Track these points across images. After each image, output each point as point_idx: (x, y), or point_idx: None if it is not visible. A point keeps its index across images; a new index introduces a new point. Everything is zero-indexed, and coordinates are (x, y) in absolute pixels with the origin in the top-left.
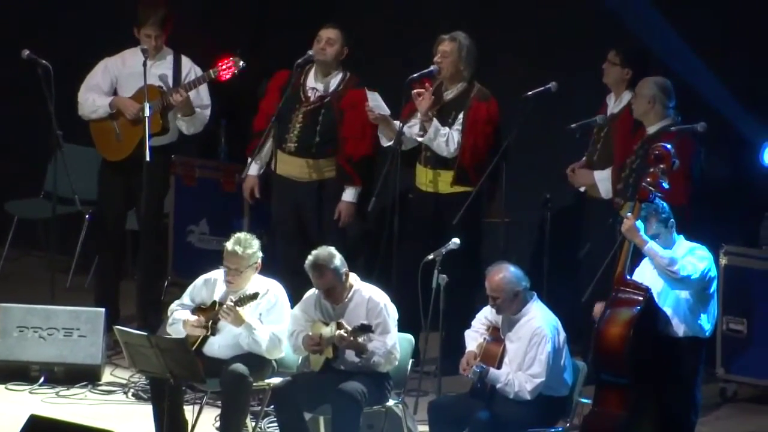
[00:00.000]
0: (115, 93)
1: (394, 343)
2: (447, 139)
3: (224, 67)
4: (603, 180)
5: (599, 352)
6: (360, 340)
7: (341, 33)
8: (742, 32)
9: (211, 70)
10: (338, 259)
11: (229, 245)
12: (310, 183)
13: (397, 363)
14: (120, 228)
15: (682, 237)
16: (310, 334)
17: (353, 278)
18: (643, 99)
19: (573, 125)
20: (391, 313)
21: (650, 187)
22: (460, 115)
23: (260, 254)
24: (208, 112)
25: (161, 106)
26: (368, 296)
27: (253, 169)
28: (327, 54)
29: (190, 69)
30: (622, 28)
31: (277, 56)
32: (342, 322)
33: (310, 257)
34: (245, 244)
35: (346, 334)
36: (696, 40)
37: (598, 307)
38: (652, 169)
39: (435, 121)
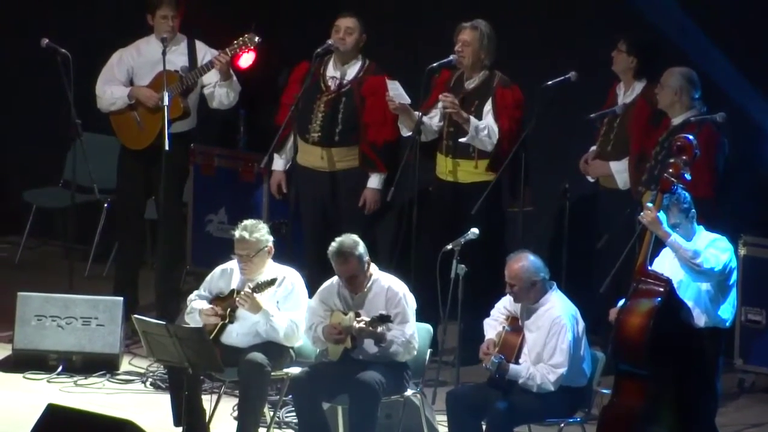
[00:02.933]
0: (131, 83)
1: (412, 333)
2: (488, 131)
3: (237, 46)
4: (620, 172)
5: (619, 342)
6: (379, 330)
7: (359, 21)
8: (761, 20)
9: (228, 48)
10: (362, 247)
11: (236, 233)
12: (331, 173)
13: (415, 353)
14: (140, 217)
15: (702, 228)
16: (328, 324)
17: (372, 268)
18: (670, 90)
19: (592, 115)
20: (409, 302)
21: (672, 178)
22: (488, 104)
23: (270, 238)
24: (238, 84)
25: (180, 89)
26: (387, 286)
27: (279, 164)
28: (347, 43)
29: (205, 53)
30: (641, 17)
31: (296, 46)
32: (360, 311)
33: (334, 244)
34: (251, 228)
35: (364, 326)
36: (714, 29)
37: (614, 312)
38: (673, 160)
39: (472, 119)
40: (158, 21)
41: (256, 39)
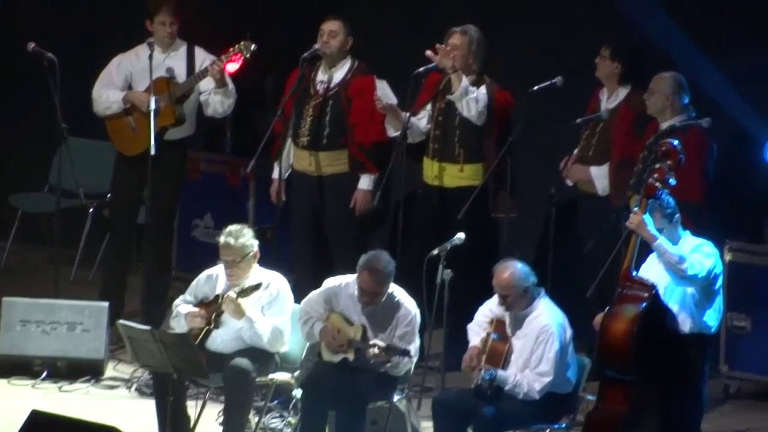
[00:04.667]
0: (130, 88)
1: (416, 350)
2: (477, 97)
3: (233, 53)
4: (600, 177)
5: (604, 348)
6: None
7: (343, 24)
8: (746, 27)
9: (222, 56)
10: (393, 266)
11: (221, 238)
12: (319, 177)
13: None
14: (131, 222)
15: (688, 232)
16: (328, 325)
17: None
18: (661, 95)
19: (578, 120)
20: (418, 321)
21: (657, 183)
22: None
23: (255, 243)
24: (234, 91)
25: (175, 97)
26: (401, 303)
27: (277, 172)
28: (331, 46)
29: (204, 59)
30: (626, 23)
31: (283, 51)
32: (366, 326)
33: (368, 257)
34: (236, 234)
35: (378, 351)
36: (700, 36)
37: (598, 318)
38: (658, 165)
39: (464, 79)
40: (157, 27)
41: (252, 47)
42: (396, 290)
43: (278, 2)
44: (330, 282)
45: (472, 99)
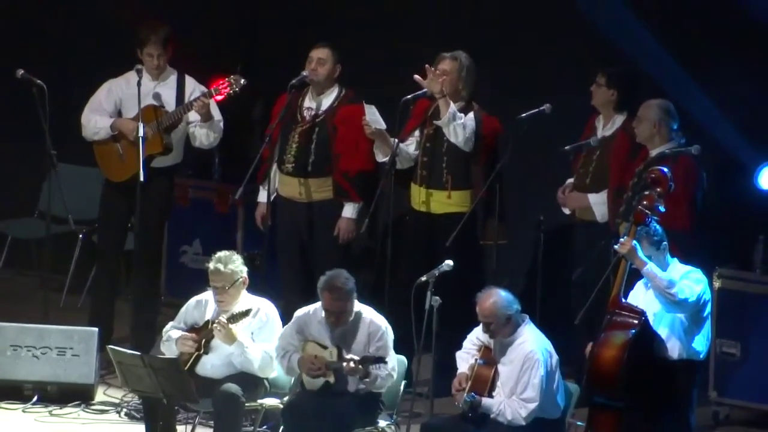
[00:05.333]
0: (119, 114)
1: (393, 366)
2: (464, 124)
3: (222, 86)
4: (598, 204)
5: (593, 375)
6: (370, 370)
7: (332, 51)
8: (736, 54)
9: (212, 88)
10: (352, 282)
11: (211, 265)
12: (307, 204)
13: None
14: (119, 248)
15: (676, 260)
16: (304, 355)
17: (355, 301)
18: (648, 123)
19: (567, 147)
20: (390, 335)
21: (646, 210)
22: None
23: (244, 269)
24: (222, 124)
25: (164, 126)
26: (369, 319)
27: (263, 195)
28: (319, 74)
29: (194, 88)
30: (616, 50)
31: (271, 77)
32: (340, 346)
33: (325, 278)
34: (225, 260)
35: (354, 365)
36: (689, 62)
37: (589, 347)
38: (648, 192)
39: (452, 105)
40: (145, 58)
41: (242, 81)
42: (363, 309)
43: (262, 30)
44: (299, 312)
45: (459, 125)
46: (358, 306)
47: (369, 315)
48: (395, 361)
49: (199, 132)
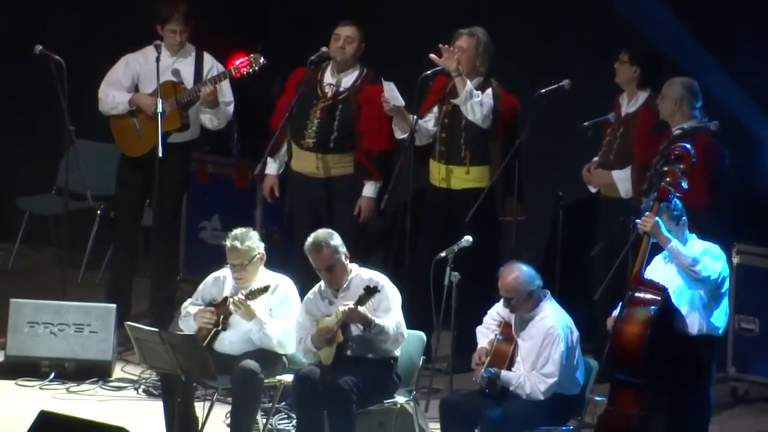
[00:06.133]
0: (137, 89)
1: (398, 321)
2: (481, 101)
3: (241, 64)
4: (622, 180)
5: (615, 351)
6: (367, 304)
7: (358, 30)
8: (756, 30)
9: (231, 68)
10: (337, 238)
11: (227, 242)
12: (325, 179)
13: (403, 342)
14: (136, 224)
15: (694, 236)
16: (314, 332)
17: (352, 264)
18: (670, 100)
19: (585, 123)
20: (392, 292)
21: (669, 187)
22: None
23: (261, 245)
24: (231, 108)
25: (181, 103)
26: (368, 278)
27: (272, 167)
28: (346, 52)
29: (212, 66)
30: (636, 28)
31: (289, 53)
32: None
33: (308, 239)
34: (242, 237)
35: (353, 305)
36: (709, 40)
37: (611, 321)
38: (671, 169)
39: (468, 83)
40: (167, 34)
41: (261, 60)
42: (362, 271)
43: (278, 6)
44: (306, 297)
45: (476, 102)
46: (357, 269)
47: (367, 274)
48: (400, 318)
49: (203, 116)
